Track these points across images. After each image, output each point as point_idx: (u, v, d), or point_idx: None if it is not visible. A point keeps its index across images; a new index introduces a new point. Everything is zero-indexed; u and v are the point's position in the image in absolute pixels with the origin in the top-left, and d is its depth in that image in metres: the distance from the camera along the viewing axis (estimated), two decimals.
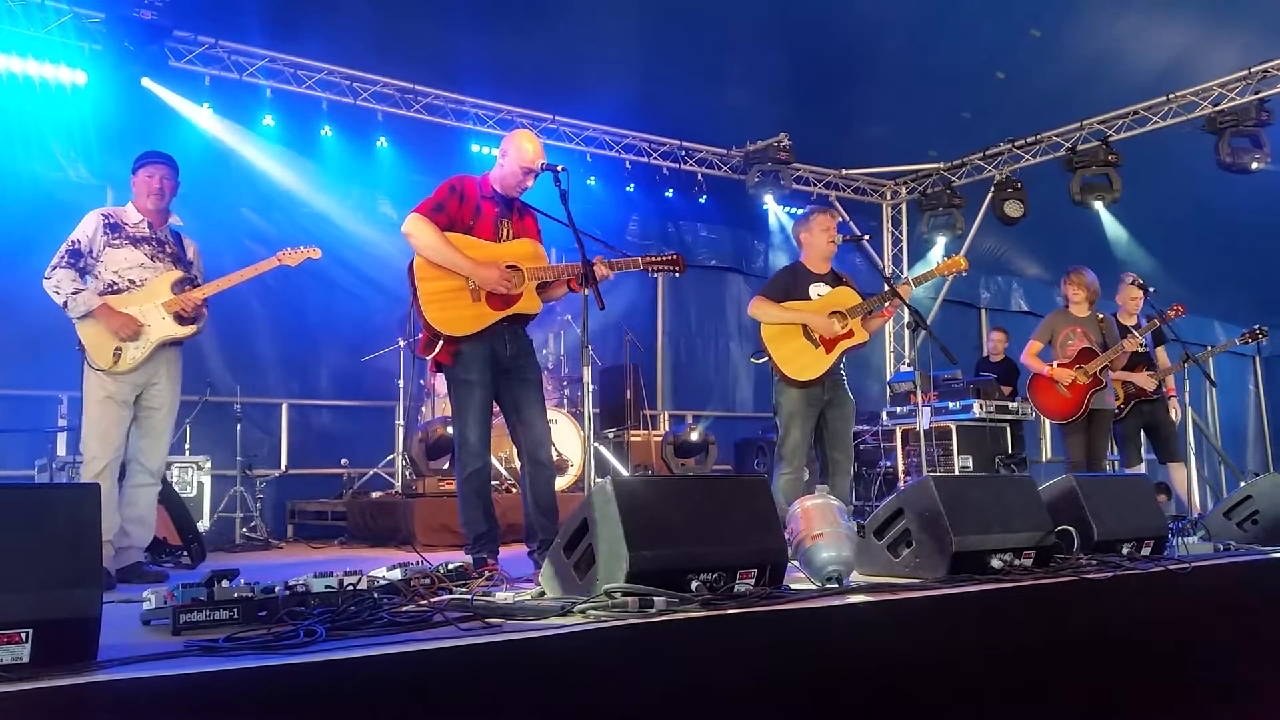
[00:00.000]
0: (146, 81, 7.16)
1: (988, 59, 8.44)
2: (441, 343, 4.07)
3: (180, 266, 4.52)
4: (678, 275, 4.48)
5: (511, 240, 4.22)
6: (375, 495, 7.53)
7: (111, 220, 4.43)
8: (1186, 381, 6.47)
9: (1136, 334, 6.53)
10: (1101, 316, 6.60)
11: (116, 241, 4.39)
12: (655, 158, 9.57)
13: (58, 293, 4.27)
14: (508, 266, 4.12)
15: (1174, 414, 6.89)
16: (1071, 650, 3.30)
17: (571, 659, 2.33)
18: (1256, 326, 6.90)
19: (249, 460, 7.33)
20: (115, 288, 4.36)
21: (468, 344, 4.09)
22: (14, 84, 6.81)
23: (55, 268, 4.28)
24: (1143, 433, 6.83)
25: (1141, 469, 6.73)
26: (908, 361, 10.71)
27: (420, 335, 4.19)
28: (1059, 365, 6.43)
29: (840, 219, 6.55)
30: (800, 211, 5.68)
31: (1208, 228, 10.25)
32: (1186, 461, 6.72)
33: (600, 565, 2.82)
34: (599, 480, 2.94)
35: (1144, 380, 6.64)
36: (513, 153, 4.18)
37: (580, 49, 8.04)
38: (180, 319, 4.42)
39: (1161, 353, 7.04)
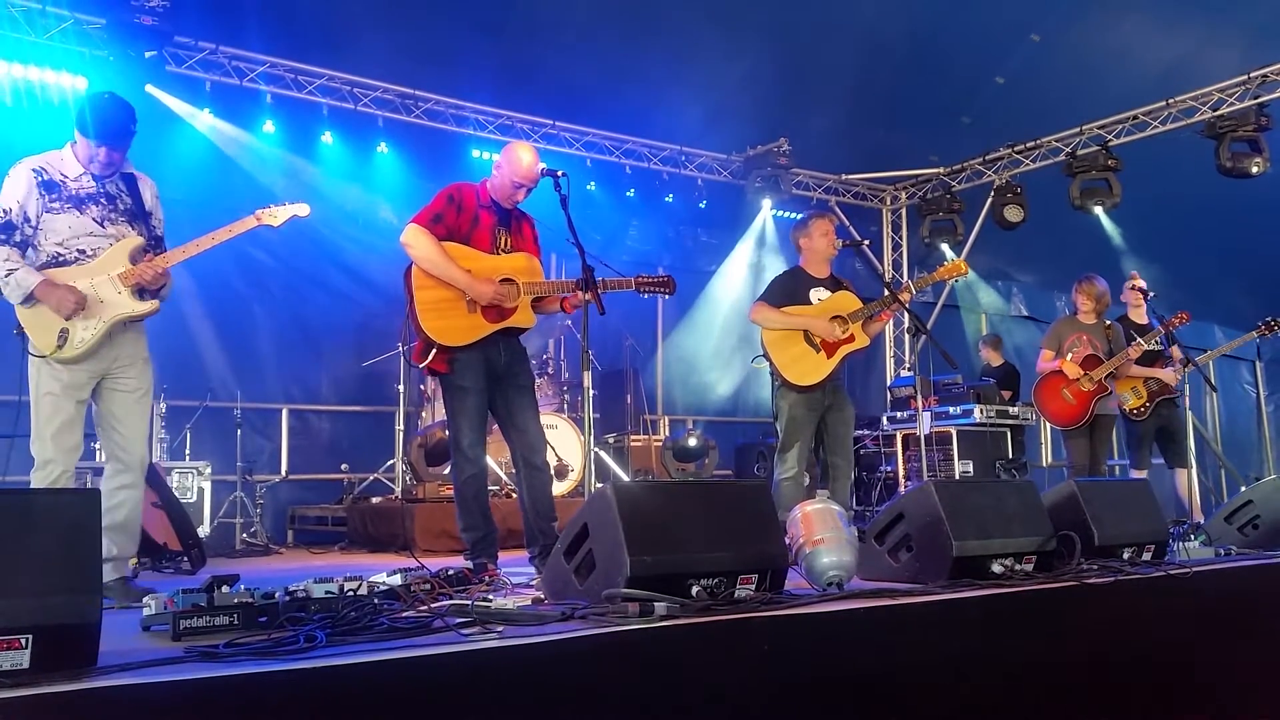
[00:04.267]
0: (150, 88, 7.15)
1: (987, 64, 8.46)
2: (435, 351, 4.08)
3: (139, 222, 3.74)
4: (667, 297, 4.49)
5: (509, 251, 4.23)
6: (375, 501, 7.51)
7: (46, 176, 3.60)
8: (1187, 386, 6.46)
9: (1142, 341, 6.51)
10: (1109, 324, 6.58)
11: (55, 205, 3.59)
12: (655, 163, 9.57)
13: None
14: (504, 280, 4.12)
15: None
16: (1072, 655, 3.30)
17: (572, 665, 2.33)
18: (1271, 319, 6.70)
19: (249, 466, 7.33)
20: (60, 259, 3.59)
21: (463, 351, 4.10)
22: (15, 90, 6.81)
23: None
24: (1155, 436, 6.80)
25: (1145, 474, 6.72)
26: (908, 366, 10.70)
27: (415, 343, 4.20)
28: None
29: (838, 223, 6.56)
30: (799, 217, 5.69)
31: (1208, 233, 10.25)
32: (1188, 466, 6.70)
33: (600, 570, 2.82)
34: (599, 485, 2.94)
35: (1168, 376, 6.57)
36: (507, 165, 4.19)
37: (580, 54, 8.05)
38: (140, 293, 3.67)
39: (1176, 351, 7.00)
